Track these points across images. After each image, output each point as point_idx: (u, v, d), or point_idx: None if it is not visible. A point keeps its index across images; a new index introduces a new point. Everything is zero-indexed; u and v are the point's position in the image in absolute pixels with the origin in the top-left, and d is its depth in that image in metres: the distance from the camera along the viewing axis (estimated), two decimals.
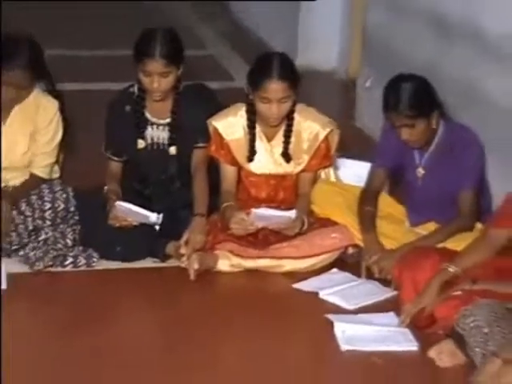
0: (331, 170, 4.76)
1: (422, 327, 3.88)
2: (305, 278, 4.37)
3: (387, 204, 4.61)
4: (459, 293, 3.77)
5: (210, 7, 10.13)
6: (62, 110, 4.60)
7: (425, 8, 5.53)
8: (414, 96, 4.19)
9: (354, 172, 4.91)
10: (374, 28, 6.32)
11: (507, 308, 3.59)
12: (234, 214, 4.38)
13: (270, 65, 4.37)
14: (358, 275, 4.37)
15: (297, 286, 4.32)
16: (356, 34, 7.10)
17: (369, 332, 3.88)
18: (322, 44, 7.73)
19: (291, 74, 4.41)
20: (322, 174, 4.74)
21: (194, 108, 4.57)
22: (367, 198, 4.50)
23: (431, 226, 4.40)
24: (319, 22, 7.73)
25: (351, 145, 5.27)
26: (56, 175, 4.68)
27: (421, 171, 4.43)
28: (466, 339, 3.55)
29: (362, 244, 4.41)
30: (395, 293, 4.14)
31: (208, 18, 9.79)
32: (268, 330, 3.97)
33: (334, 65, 7.70)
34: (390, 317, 4.00)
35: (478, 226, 4.30)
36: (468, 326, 3.55)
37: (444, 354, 3.66)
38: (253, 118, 4.50)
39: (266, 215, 4.37)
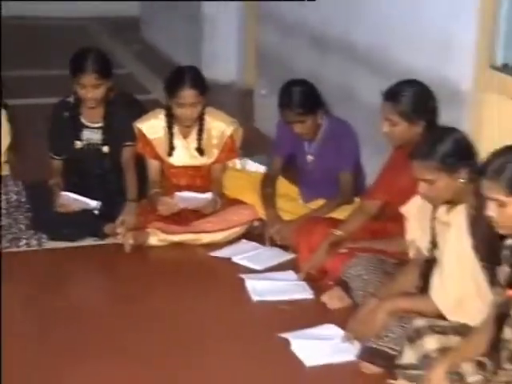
0: (237, 161, 4.99)
1: (316, 280, 4.16)
2: (220, 248, 4.58)
3: (284, 185, 4.82)
4: (344, 250, 4.06)
5: (126, 33, 10.16)
6: (10, 119, 4.71)
7: (307, 27, 5.65)
8: (303, 97, 4.40)
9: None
10: (265, 45, 6.43)
11: (380, 259, 3.90)
12: (160, 198, 4.65)
13: (183, 76, 4.62)
14: (263, 243, 4.59)
15: (214, 254, 4.53)
16: (250, 50, 7.16)
17: (274, 286, 4.15)
18: (222, 60, 7.72)
19: (200, 83, 4.66)
20: (230, 163, 4.96)
21: (122, 113, 4.75)
22: (267, 181, 4.75)
23: (320, 202, 4.62)
24: (219, 42, 7.73)
25: (251, 141, 5.45)
26: (6, 172, 4.75)
27: (310, 158, 4.65)
28: (350, 285, 3.86)
29: (265, 218, 4.65)
30: (293, 255, 4.39)
31: (125, 42, 9.82)
32: (192, 289, 4.17)
33: (234, 77, 7.72)
34: (290, 274, 4.26)
35: (356, 199, 4.53)
36: (351, 274, 3.86)
37: (334, 299, 3.98)
38: (171, 120, 4.73)
39: (187, 197, 4.62)
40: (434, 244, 3.53)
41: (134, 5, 10.37)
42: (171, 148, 4.78)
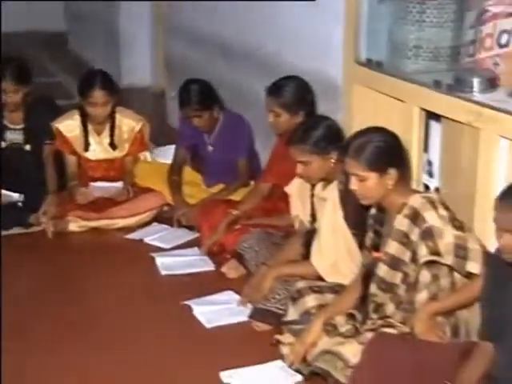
0: (147, 153, 4.98)
1: (216, 254, 4.20)
2: (133, 231, 4.59)
3: (189, 173, 4.83)
4: (239, 227, 4.12)
5: (54, 46, 10.05)
6: None
7: (210, 36, 5.67)
8: (199, 94, 4.42)
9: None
10: (173, 53, 6.48)
11: (269, 233, 3.96)
12: (77, 189, 4.64)
13: (93, 78, 4.62)
14: (172, 225, 4.61)
15: (128, 236, 4.54)
16: (161, 58, 7.28)
17: (180, 261, 4.18)
18: (138, 68, 7.76)
19: (109, 84, 4.66)
20: (141, 156, 4.94)
21: (41, 115, 4.71)
22: (174, 170, 4.75)
23: (221, 186, 4.64)
24: (135, 52, 7.79)
25: (164, 136, 5.50)
26: None
27: (210, 148, 4.66)
28: (245, 257, 3.92)
29: (172, 203, 4.67)
30: (197, 234, 4.42)
31: (54, 54, 9.72)
32: (109, 267, 4.19)
33: (149, 82, 7.81)
34: (195, 250, 4.29)
35: (251, 182, 4.57)
36: (245, 247, 3.91)
37: (231, 269, 4.04)
38: (85, 119, 4.72)
39: (101, 187, 4.64)
40: (313, 217, 3.62)
41: (61, 21, 10.30)
42: (87, 144, 4.76)
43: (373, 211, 3.15)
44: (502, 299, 2.58)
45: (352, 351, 2.90)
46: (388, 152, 2.95)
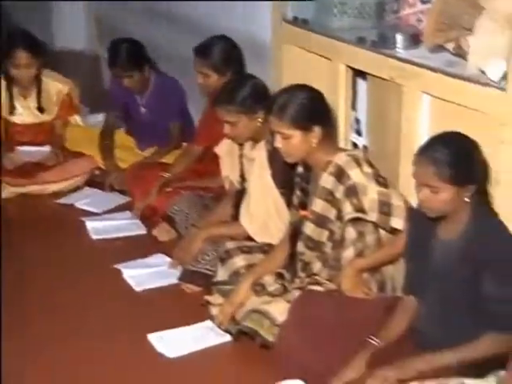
0: (78, 117, 4.89)
1: (148, 217, 4.17)
2: (65, 195, 4.54)
3: (121, 136, 4.76)
4: (170, 189, 4.09)
5: None
6: None
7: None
8: (128, 53, 4.31)
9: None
10: (107, 16, 6.42)
11: (199, 195, 3.95)
12: (4, 155, 4.55)
13: (16, 39, 4.51)
14: (103, 189, 4.56)
15: (59, 201, 4.49)
16: (95, 21, 7.16)
17: (112, 225, 4.15)
18: (72, 30, 7.68)
19: (34, 46, 4.54)
20: (72, 120, 4.85)
21: None
22: (105, 134, 4.68)
23: (153, 149, 4.59)
24: (68, 15, 7.69)
25: (99, 99, 5.32)
26: None
27: (143, 109, 4.57)
28: (176, 219, 3.91)
29: (104, 167, 4.61)
30: (129, 198, 4.38)
31: None
32: (39, 232, 4.15)
33: (84, 46, 7.68)
34: (126, 213, 4.27)
35: (184, 144, 4.49)
36: (176, 210, 3.90)
37: (162, 232, 4.02)
38: (9, 82, 4.61)
39: (28, 152, 4.55)
40: (243, 177, 3.60)
41: None
42: (12, 108, 4.66)
43: (299, 169, 3.15)
44: (424, 253, 2.61)
45: (279, 310, 2.92)
46: (312, 109, 2.94)
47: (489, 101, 2.58)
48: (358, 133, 3.59)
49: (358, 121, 3.59)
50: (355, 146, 3.57)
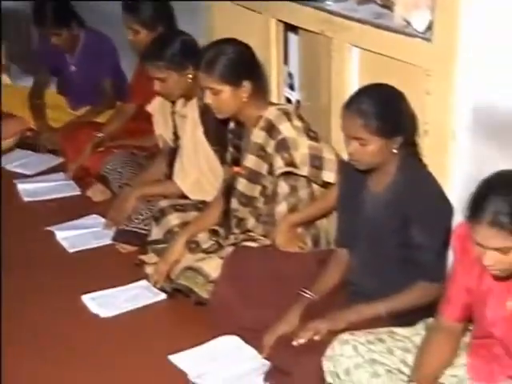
0: (6, 76, 4.79)
1: (82, 178, 4.11)
2: None
3: (52, 96, 4.65)
4: (103, 149, 4.03)
5: None
6: None
7: None
8: (54, 10, 4.19)
9: None
10: None
11: (132, 153, 3.93)
12: None
13: None
14: (35, 150, 4.45)
15: None
16: None
17: (44, 187, 4.10)
18: None
19: None
20: None
21: None
22: (35, 93, 4.57)
23: (85, 109, 4.48)
24: None
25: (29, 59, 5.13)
26: None
27: (73, 68, 4.47)
28: (109, 179, 3.87)
29: (35, 128, 4.51)
30: (62, 159, 4.31)
31: None
32: None
33: (13, 4, 7.42)
34: (60, 175, 4.21)
35: (118, 103, 4.39)
36: (109, 169, 3.86)
37: (96, 193, 3.99)
38: None
39: None
40: (176, 135, 3.57)
41: None
42: None
43: (231, 126, 3.13)
44: (355, 206, 2.63)
45: (212, 266, 2.92)
46: (241, 64, 2.92)
47: (415, 52, 2.60)
48: (291, 87, 3.58)
49: (290, 75, 3.57)
50: (289, 100, 3.56)
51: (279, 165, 2.88)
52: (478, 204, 1.94)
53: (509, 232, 1.89)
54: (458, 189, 2.54)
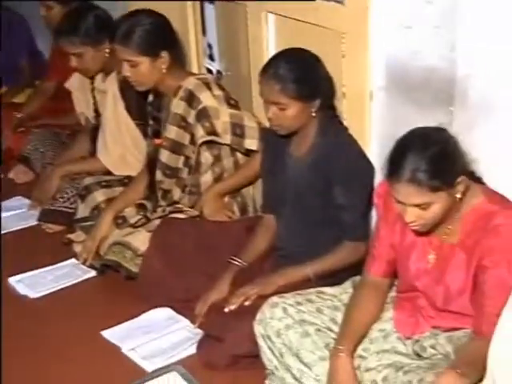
0: None
1: (3, 160, 4.04)
2: None
3: None
4: (23, 129, 3.99)
5: None
6: None
7: None
8: None
9: None
10: None
11: (54, 132, 3.89)
12: None
13: None
14: None
15: None
16: None
17: None
18: None
19: None
20: None
21: None
22: None
23: (3, 90, 4.42)
24: None
25: None
26: None
27: None
28: (31, 159, 3.83)
29: None
30: None
31: None
32: None
33: None
34: None
35: (37, 82, 4.34)
36: (30, 150, 3.83)
37: (19, 174, 3.93)
38: None
39: None
40: (97, 112, 3.53)
41: None
42: None
43: (150, 98, 3.12)
44: (279, 171, 2.66)
45: (140, 240, 2.92)
46: (157, 34, 2.90)
47: (329, 15, 2.62)
48: (211, 58, 3.57)
49: (210, 46, 3.57)
50: (209, 71, 3.56)
51: (201, 134, 2.89)
52: (395, 163, 1.98)
53: (427, 188, 1.93)
54: (377, 149, 2.59)
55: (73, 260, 3.17)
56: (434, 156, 1.93)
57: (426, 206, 1.97)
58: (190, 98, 2.89)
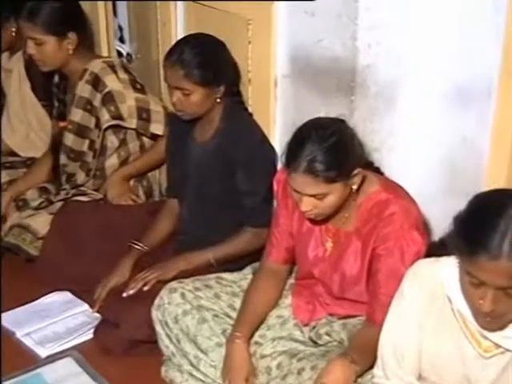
0: None
1: None
2: None
3: None
4: None
5: None
6: None
7: None
8: None
9: None
10: None
11: None
12: None
13: None
14: None
15: None
16: None
17: None
18: None
19: None
20: None
21: None
22: None
23: None
24: None
25: None
26: None
27: None
28: None
29: None
30: None
31: None
32: None
33: None
34: None
35: None
36: None
37: None
38: None
39: None
40: (1, 91, 3.38)
41: None
42: None
43: (56, 79, 2.99)
44: (183, 156, 2.59)
45: (41, 222, 2.80)
46: (66, 14, 2.78)
47: (236, 1, 2.55)
48: (122, 40, 3.46)
49: (120, 28, 3.46)
50: (120, 54, 3.44)
51: (106, 118, 2.79)
52: (293, 152, 1.93)
53: (323, 179, 1.89)
54: (280, 136, 2.54)
55: None
56: (330, 147, 1.89)
57: (322, 196, 1.93)
58: (96, 82, 2.79)
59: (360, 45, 2.16)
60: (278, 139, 2.55)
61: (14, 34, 3.15)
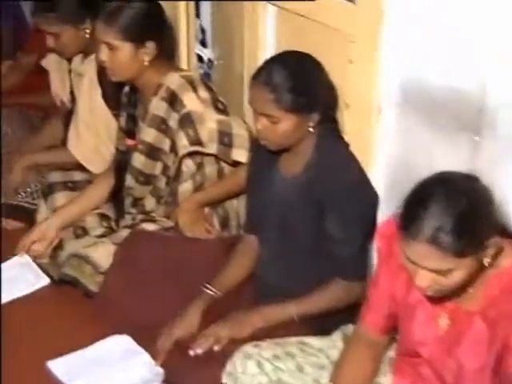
0: None
1: None
2: None
3: None
4: None
5: None
6: None
7: None
8: None
9: None
10: None
11: (25, 114, 3.40)
12: None
13: None
14: None
15: None
16: None
17: None
18: None
19: None
20: None
21: None
22: None
23: None
24: None
25: None
26: None
27: None
28: None
29: None
30: None
31: None
32: None
33: None
34: None
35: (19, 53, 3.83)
36: None
37: None
38: None
39: None
40: (73, 95, 3.06)
41: None
42: None
43: (126, 89, 2.65)
44: (265, 188, 2.21)
45: (103, 253, 2.46)
46: (147, 21, 2.45)
47: (337, 14, 2.14)
48: (203, 44, 3.09)
49: (203, 30, 3.09)
50: (200, 59, 3.07)
51: (184, 143, 2.43)
52: (413, 213, 1.52)
53: (451, 253, 1.48)
54: (382, 174, 2.13)
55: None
56: (463, 214, 1.47)
57: (446, 272, 1.51)
58: (173, 99, 2.43)
59: (489, 78, 1.73)
60: (379, 178, 2.14)
61: (87, 36, 2.81)
